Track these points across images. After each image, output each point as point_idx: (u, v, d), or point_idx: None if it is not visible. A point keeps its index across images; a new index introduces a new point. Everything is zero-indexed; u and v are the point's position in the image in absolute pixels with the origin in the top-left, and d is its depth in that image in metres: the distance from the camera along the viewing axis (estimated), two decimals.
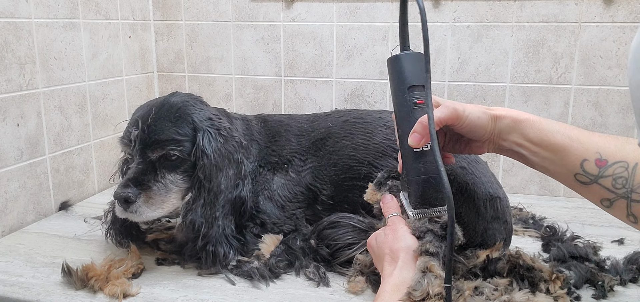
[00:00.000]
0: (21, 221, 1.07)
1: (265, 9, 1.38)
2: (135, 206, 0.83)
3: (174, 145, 0.86)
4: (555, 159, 0.66)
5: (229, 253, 0.86)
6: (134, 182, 0.85)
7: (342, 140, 0.96)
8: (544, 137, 0.66)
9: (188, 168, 0.88)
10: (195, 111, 0.90)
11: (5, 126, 1.02)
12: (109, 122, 1.33)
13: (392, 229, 0.71)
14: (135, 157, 0.87)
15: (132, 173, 0.86)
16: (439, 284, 0.60)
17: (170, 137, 0.86)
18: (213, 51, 1.44)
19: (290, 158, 0.98)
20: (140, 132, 0.86)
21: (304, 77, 1.39)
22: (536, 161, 0.68)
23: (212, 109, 0.95)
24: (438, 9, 1.26)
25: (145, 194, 0.84)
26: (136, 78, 1.43)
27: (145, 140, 0.86)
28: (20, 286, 0.82)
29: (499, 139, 0.69)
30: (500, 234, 0.85)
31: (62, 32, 1.15)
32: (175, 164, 0.87)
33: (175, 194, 0.88)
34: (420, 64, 0.69)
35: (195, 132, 0.88)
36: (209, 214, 0.86)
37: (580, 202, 1.24)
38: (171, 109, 0.89)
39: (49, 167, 1.14)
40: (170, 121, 0.87)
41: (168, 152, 0.86)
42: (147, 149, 0.86)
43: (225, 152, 0.89)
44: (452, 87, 1.29)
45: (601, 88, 1.21)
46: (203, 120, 0.89)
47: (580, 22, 1.20)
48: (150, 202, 0.85)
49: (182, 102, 0.91)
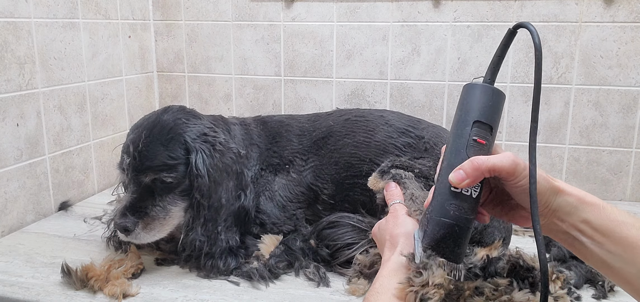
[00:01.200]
0: (21, 221, 1.07)
1: (265, 9, 1.38)
2: (134, 233, 0.83)
3: (166, 170, 0.84)
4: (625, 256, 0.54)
5: (231, 263, 0.86)
6: (130, 210, 0.84)
7: (343, 138, 0.96)
8: (615, 228, 0.55)
9: (186, 187, 0.86)
10: (187, 129, 0.87)
11: (5, 126, 1.02)
12: (108, 122, 1.33)
13: (394, 215, 0.71)
14: (130, 184, 0.87)
15: (128, 201, 0.85)
16: (441, 274, 0.60)
17: (162, 162, 0.84)
18: (213, 51, 1.44)
19: (291, 159, 0.98)
20: (131, 160, 0.85)
21: (304, 77, 1.39)
22: (597, 253, 0.56)
23: (206, 121, 0.93)
24: (438, 9, 1.26)
25: (143, 221, 0.84)
26: (136, 78, 1.43)
27: (138, 167, 0.85)
28: (20, 286, 0.82)
29: (554, 216, 0.57)
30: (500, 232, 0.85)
31: (61, 32, 1.15)
32: (171, 186, 0.85)
33: (175, 213, 0.87)
34: (497, 104, 0.60)
35: (188, 153, 0.86)
36: (211, 231, 0.85)
37: None
38: (162, 130, 0.87)
39: (48, 167, 1.14)
40: (162, 144, 0.85)
41: (161, 177, 0.84)
42: (140, 175, 0.85)
43: (222, 166, 0.87)
44: (452, 87, 1.29)
45: (601, 88, 1.21)
46: (196, 139, 0.87)
47: (581, 22, 1.19)
48: (149, 228, 0.84)
49: (174, 121, 0.88)
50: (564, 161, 1.27)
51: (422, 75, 1.30)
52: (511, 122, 1.28)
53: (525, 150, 1.28)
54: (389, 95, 1.34)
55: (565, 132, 1.25)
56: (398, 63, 1.31)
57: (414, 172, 0.84)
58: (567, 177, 1.27)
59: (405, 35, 1.29)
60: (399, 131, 0.94)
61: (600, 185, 1.26)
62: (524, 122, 1.27)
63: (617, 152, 1.23)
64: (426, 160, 0.89)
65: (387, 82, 1.33)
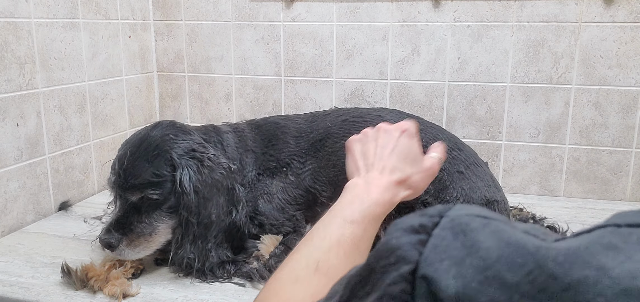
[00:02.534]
0: (21, 221, 1.07)
1: (265, 9, 1.38)
2: (118, 250, 0.83)
3: (151, 188, 0.83)
4: None
5: (222, 275, 0.85)
6: (115, 226, 0.83)
7: (341, 140, 0.96)
8: None
9: (173, 203, 0.85)
10: (174, 145, 0.86)
11: (5, 126, 1.02)
12: (108, 122, 1.33)
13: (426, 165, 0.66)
14: (116, 200, 0.87)
15: (113, 217, 0.85)
16: None
17: (147, 180, 0.83)
18: (213, 51, 1.44)
19: (289, 161, 0.97)
20: (116, 177, 0.85)
21: (304, 77, 1.39)
22: None
23: (196, 136, 0.91)
24: (438, 9, 1.26)
25: (127, 238, 0.83)
26: (136, 78, 1.43)
27: (123, 185, 0.84)
28: (20, 286, 0.82)
29: None
30: None
31: (61, 32, 1.15)
32: (157, 203, 0.84)
33: (162, 230, 0.85)
34: None
35: (174, 170, 0.84)
36: (201, 248, 0.84)
37: (581, 203, 1.24)
38: (149, 147, 0.85)
39: (48, 167, 1.14)
40: (147, 161, 0.84)
41: (147, 194, 0.83)
42: (126, 192, 0.84)
43: (212, 181, 0.86)
44: (452, 87, 1.29)
45: (601, 88, 1.21)
46: (183, 155, 0.85)
47: (581, 22, 1.19)
48: (134, 245, 0.84)
49: (161, 137, 0.87)
50: (564, 161, 1.27)
51: (422, 75, 1.30)
52: (511, 122, 1.28)
53: (526, 150, 1.28)
54: (389, 95, 1.34)
55: (565, 132, 1.25)
56: (398, 63, 1.31)
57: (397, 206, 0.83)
58: (567, 177, 1.27)
59: (405, 35, 1.29)
60: None
61: (600, 185, 1.26)
62: (524, 122, 1.27)
63: (617, 152, 1.23)
64: None
65: (387, 82, 1.33)
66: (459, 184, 0.85)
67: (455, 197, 0.84)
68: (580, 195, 1.27)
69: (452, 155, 0.90)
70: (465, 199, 0.83)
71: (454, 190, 0.84)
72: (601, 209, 1.19)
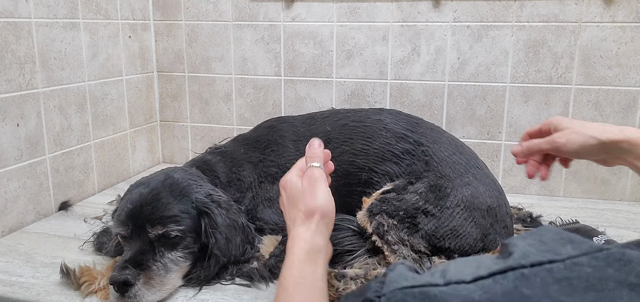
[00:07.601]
0: (21, 221, 1.07)
1: (265, 9, 1.38)
2: (134, 289, 0.76)
3: (175, 224, 0.81)
4: None
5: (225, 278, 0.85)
6: (132, 262, 0.78)
7: (341, 145, 0.95)
8: None
9: (189, 244, 0.83)
10: (198, 189, 0.86)
11: (5, 126, 1.02)
12: (108, 122, 1.33)
13: (310, 182, 0.67)
14: (132, 235, 0.81)
15: (129, 253, 0.80)
16: None
17: (173, 214, 0.82)
18: (213, 51, 1.44)
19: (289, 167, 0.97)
20: (136, 210, 0.81)
21: (304, 77, 1.39)
22: None
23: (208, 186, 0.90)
24: (438, 9, 1.26)
25: (144, 274, 0.77)
26: (136, 78, 1.43)
27: (146, 217, 0.81)
28: (20, 286, 0.82)
29: None
30: (501, 237, 0.85)
31: (62, 32, 1.15)
32: (174, 242, 0.81)
33: (175, 273, 0.82)
34: None
35: (197, 210, 0.84)
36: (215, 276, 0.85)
37: (580, 202, 1.24)
38: (174, 186, 0.85)
39: (48, 167, 1.14)
40: (174, 197, 0.83)
41: (168, 231, 0.81)
42: (146, 225, 0.81)
43: (230, 222, 0.86)
44: (452, 87, 1.29)
45: (601, 88, 1.21)
46: (205, 197, 0.86)
47: (581, 22, 1.19)
48: (150, 284, 0.78)
49: (185, 180, 0.87)
50: None
51: (422, 75, 1.30)
52: (511, 122, 1.28)
53: None
54: (389, 95, 1.34)
55: None
56: (398, 63, 1.31)
57: (399, 215, 0.83)
58: (567, 176, 1.27)
59: (405, 35, 1.29)
60: (397, 136, 0.94)
61: (600, 185, 1.26)
62: (524, 122, 1.27)
63: None
64: (422, 184, 0.87)
65: (387, 82, 1.33)
66: (460, 191, 0.85)
67: (456, 205, 0.83)
68: (580, 195, 1.27)
69: (453, 160, 0.90)
70: (467, 207, 0.83)
71: (455, 198, 0.84)
72: (601, 209, 1.19)
